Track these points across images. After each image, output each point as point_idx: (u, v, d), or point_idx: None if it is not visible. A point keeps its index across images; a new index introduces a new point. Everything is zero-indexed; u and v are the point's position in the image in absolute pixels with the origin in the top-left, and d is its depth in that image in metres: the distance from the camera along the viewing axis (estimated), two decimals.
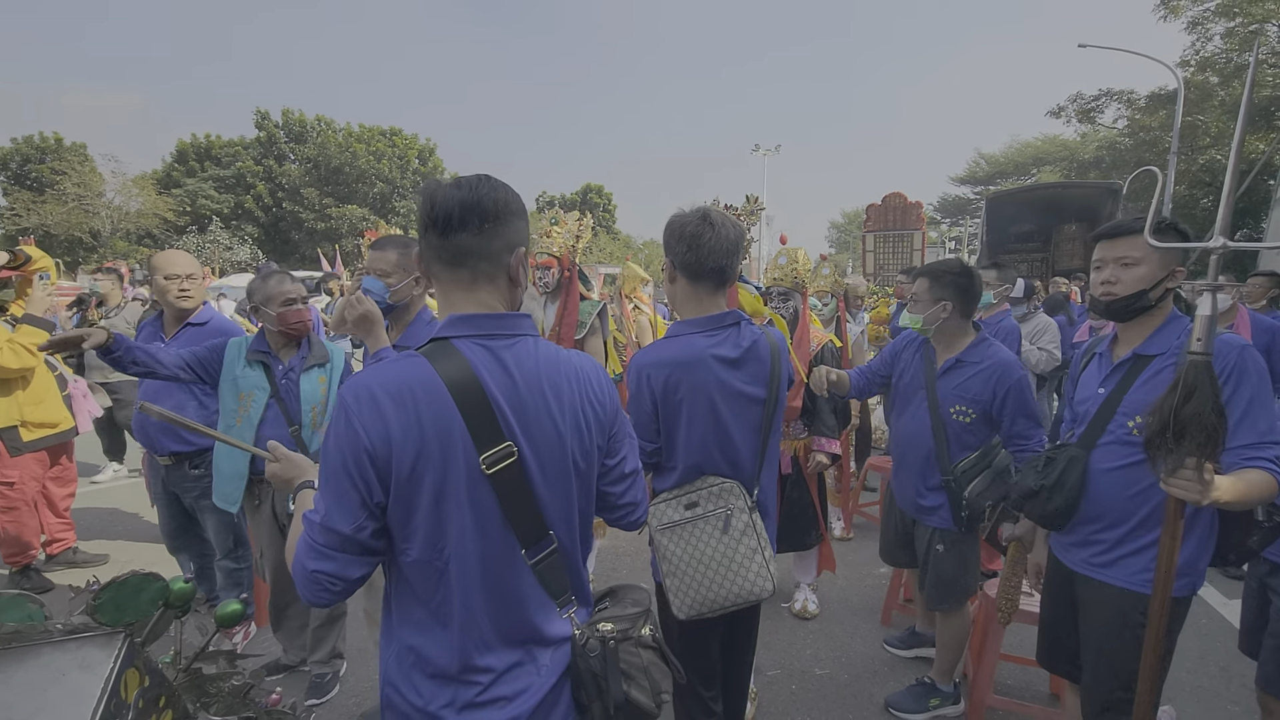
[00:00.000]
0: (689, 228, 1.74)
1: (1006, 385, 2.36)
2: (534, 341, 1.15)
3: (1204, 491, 1.39)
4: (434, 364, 1.03)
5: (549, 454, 1.11)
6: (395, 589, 1.09)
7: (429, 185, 1.10)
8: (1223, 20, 18.29)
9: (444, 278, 1.11)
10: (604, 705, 1.13)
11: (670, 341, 1.80)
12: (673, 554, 1.79)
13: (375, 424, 0.98)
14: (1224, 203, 1.41)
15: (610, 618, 1.21)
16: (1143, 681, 1.51)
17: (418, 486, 1.00)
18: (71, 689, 0.67)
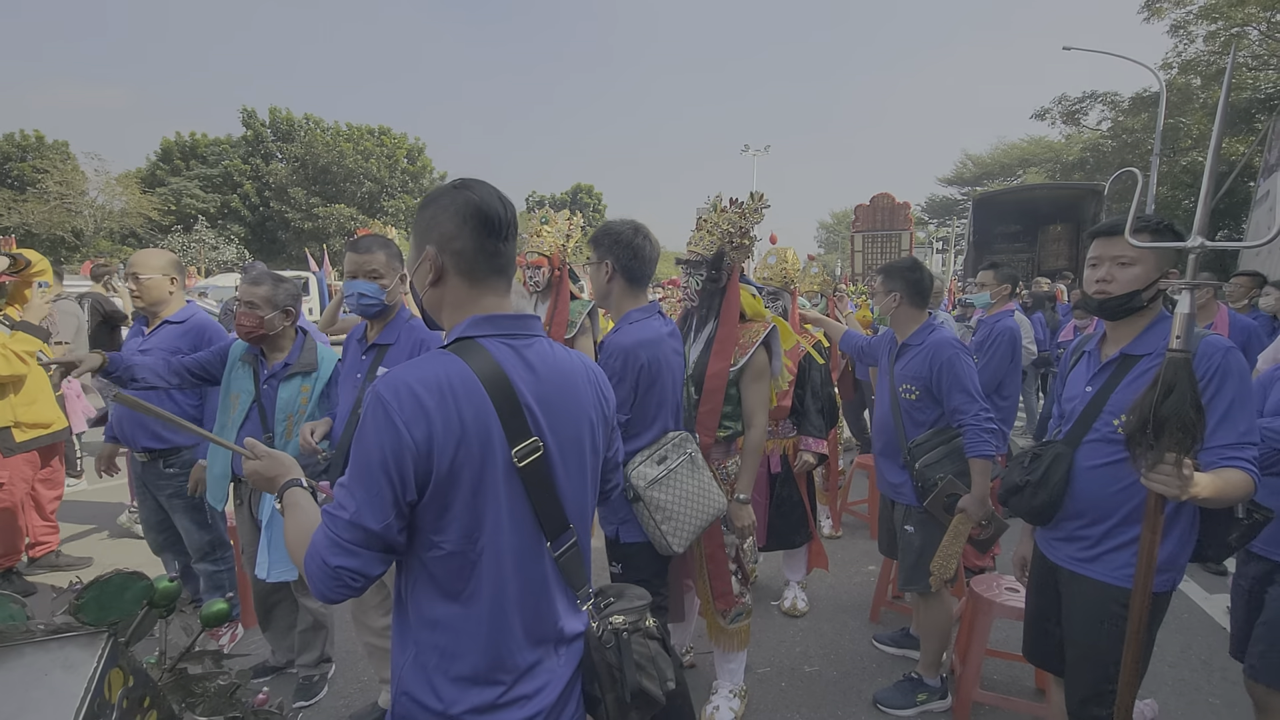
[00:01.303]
0: (630, 239, 2.09)
1: (940, 361, 2.57)
2: (547, 342, 1.20)
3: (1183, 487, 1.41)
4: (467, 360, 1.06)
5: (570, 449, 1.16)
6: (417, 588, 1.07)
7: (472, 191, 1.13)
8: (1205, 23, 18.56)
9: (479, 281, 1.14)
10: (618, 696, 1.17)
11: (639, 325, 2.08)
12: (665, 502, 2.05)
13: (418, 421, 0.99)
14: (1202, 203, 1.43)
15: (620, 610, 1.24)
16: (1124, 674, 1.53)
17: (456, 480, 1.02)
18: (54, 689, 0.67)
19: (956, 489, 2.54)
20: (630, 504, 2.10)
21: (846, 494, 4.90)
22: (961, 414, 2.54)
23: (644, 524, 2.09)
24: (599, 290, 2.17)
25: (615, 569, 2.23)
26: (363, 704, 2.70)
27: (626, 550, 2.18)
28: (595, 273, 2.15)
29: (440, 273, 1.13)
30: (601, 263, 2.11)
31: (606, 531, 2.23)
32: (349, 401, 2.30)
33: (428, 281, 1.15)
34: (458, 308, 1.15)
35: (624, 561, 2.20)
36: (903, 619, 3.42)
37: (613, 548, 2.23)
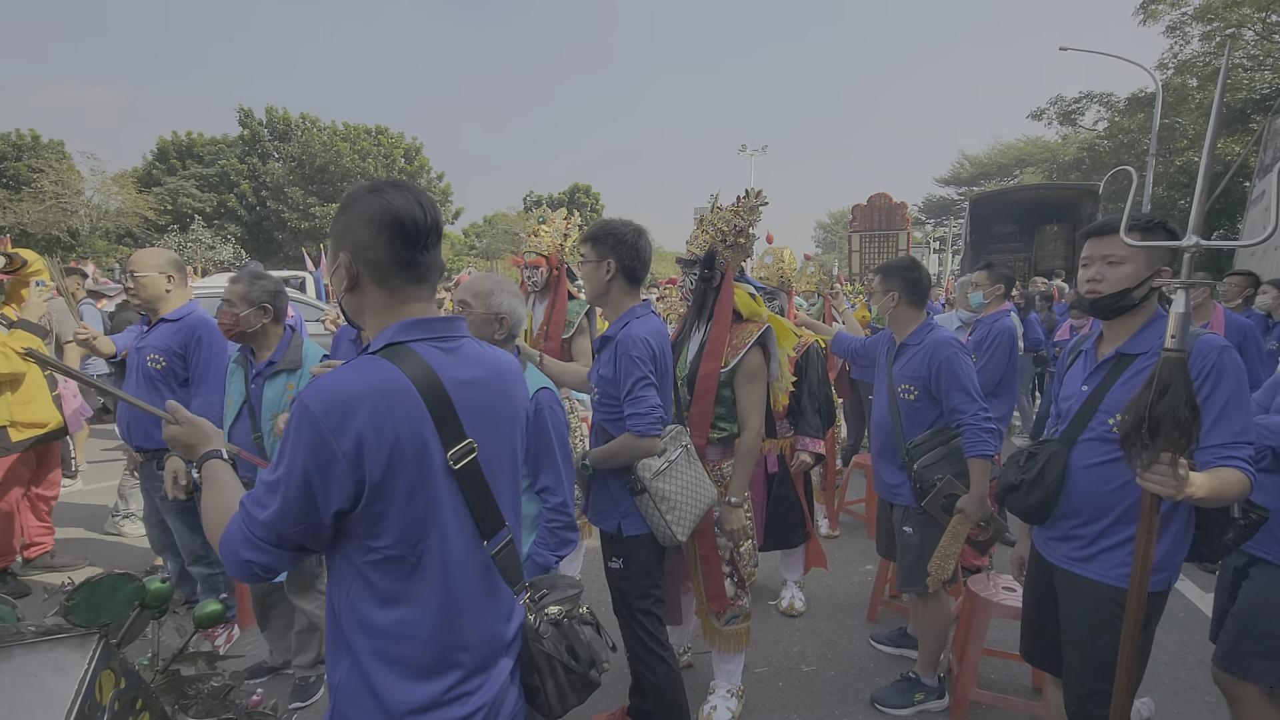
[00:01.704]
0: (634, 240, 2.14)
1: (939, 361, 2.57)
2: (474, 343, 1.22)
3: (1178, 486, 1.42)
4: (399, 366, 1.06)
5: (501, 449, 1.19)
6: (354, 594, 1.07)
7: (389, 198, 1.09)
8: (1200, 24, 18.61)
9: (396, 290, 1.13)
10: (556, 683, 1.23)
11: (646, 319, 2.14)
12: (670, 492, 2.12)
13: (346, 431, 0.98)
14: (1196, 202, 1.43)
15: (555, 600, 1.30)
16: (1120, 674, 1.53)
17: (391, 486, 1.02)
18: (45, 691, 0.66)
19: (955, 489, 2.53)
20: (633, 496, 2.13)
21: (844, 494, 4.91)
22: (960, 414, 2.54)
23: (648, 515, 2.13)
24: (597, 288, 2.18)
25: (615, 564, 2.23)
26: None
27: (629, 544, 2.19)
28: (594, 271, 2.15)
29: (355, 280, 1.12)
30: (603, 261, 2.13)
31: (606, 527, 2.24)
32: None
33: (343, 288, 1.14)
34: (380, 313, 1.14)
35: (625, 556, 2.20)
36: (900, 619, 3.42)
37: (614, 542, 2.23)
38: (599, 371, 2.18)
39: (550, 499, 1.88)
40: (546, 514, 1.88)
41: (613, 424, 2.15)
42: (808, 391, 3.33)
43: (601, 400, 2.18)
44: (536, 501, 1.91)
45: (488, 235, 44.01)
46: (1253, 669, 2.05)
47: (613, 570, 2.25)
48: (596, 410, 2.23)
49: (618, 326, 2.12)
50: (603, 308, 2.25)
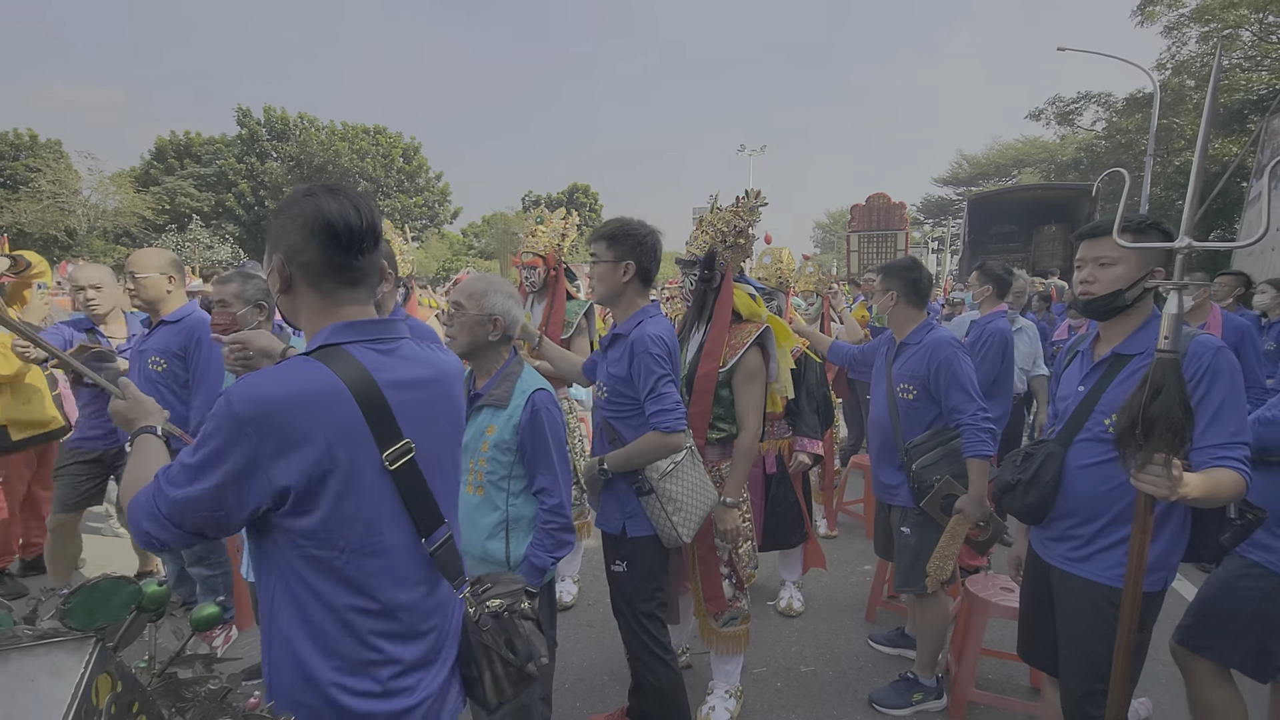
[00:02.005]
0: (653, 242, 2.14)
1: (938, 360, 2.57)
2: (413, 344, 1.22)
3: (1172, 487, 1.42)
4: (332, 368, 1.06)
5: (442, 449, 1.22)
6: (287, 587, 1.08)
7: (322, 203, 1.10)
8: (1197, 25, 18.65)
9: (329, 294, 1.13)
10: (493, 675, 1.26)
11: (658, 319, 2.14)
12: (676, 493, 2.12)
13: (272, 434, 0.99)
14: (1189, 203, 1.44)
15: (497, 595, 1.33)
16: (1115, 673, 1.53)
17: (321, 487, 1.03)
18: (41, 695, 0.66)
19: (954, 489, 2.54)
20: (639, 497, 2.12)
21: (842, 494, 4.91)
22: (959, 413, 2.54)
23: (654, 516, 2.13)
24: (612, 289, 2.15)
25: (619, 567, 2.20)
26: None
27: (634, 545, 2.18)
28: (609, 271, 2.12)
29: (288, 282, 1.13)
30: (620, 263, 2.11)
31: (609, 528, 2.22)
32: None
33: (276, 289, 1.15)
34: (315, 314, 1.15)
35: (629, 558, 2.19)
36: (898, 619, 3.42)
37: (618, 544, 2.21)
38: (608, 369, 2.16)
39: (547, 500, 1.87)
40: (543, 515, 1.88)
41: (621, 421, 2.14)
42: (806, 392, 3.33)
43: (610, 398, 2.15)
44: (534, 503, 1.90)
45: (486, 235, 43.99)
46: (1207, 646, 2.12)
47: (616, 573, 2.22)
48: (603, 408, 2.20)
49: (630, 325, 2.11)
50: (613, 308, 2.23)
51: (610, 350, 2.19)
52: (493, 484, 1.88)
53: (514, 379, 1.92)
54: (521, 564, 1.87)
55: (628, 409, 2.11)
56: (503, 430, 1.86)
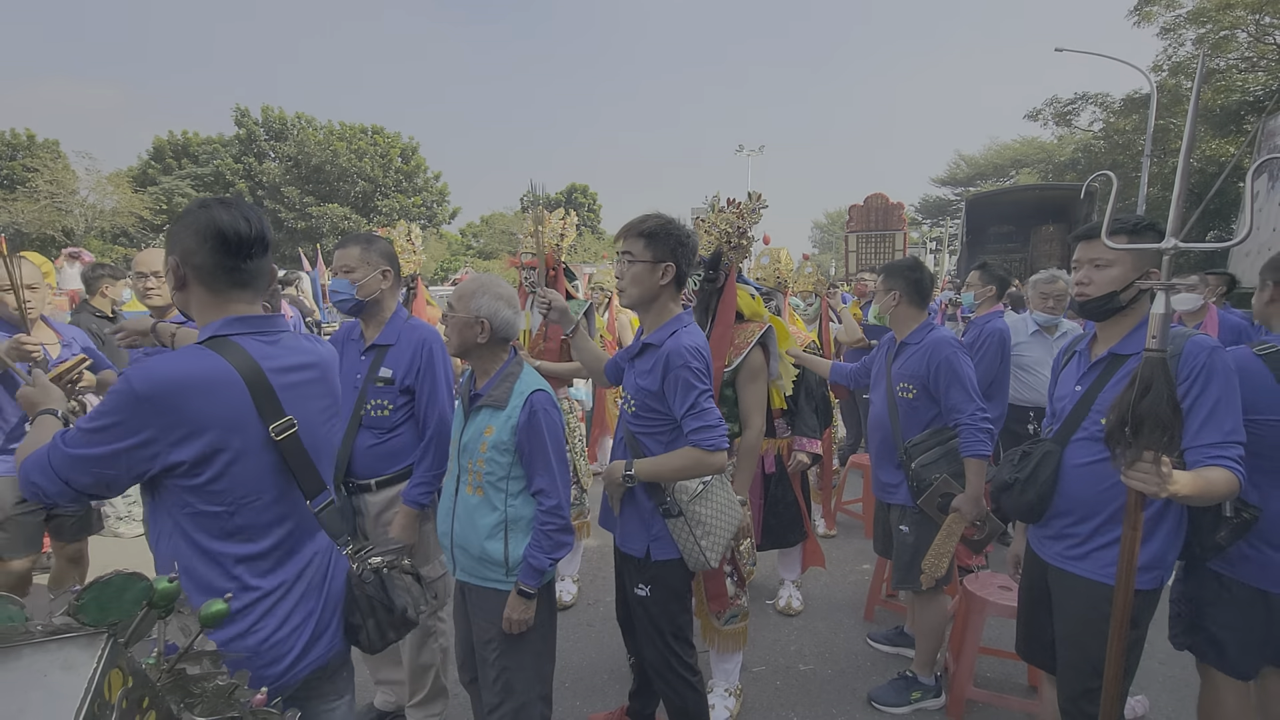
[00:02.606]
0: (695, 243, 2.00)
1: (938, 360, 2.58)
2: (293, 335, 1.43)
3: (1161, 484, 1.43)
4: (224, 356, 1.25)
5: (319, 425, 1.43)
6: (176, 543, 1.25)
7: (215, 213, 1.28)
8: (1194, 27, 18.70)
9: (220, 292, 1.32)
10: (377, 621, 1.48)
11: (692, 329, 2.01)
12: (706, 516, 2.00)
13: (167, 413, 1.17)
14: (1174, 205, 1.45)
15: (378, 554, 1.55)
16: (1109, 670, 1.55)
17: (213, 457, 1.22)
18: (54, 690, 0.67)
19: (951, 488, 2.55)
20: (665, 520, 2.00)
21: (841, 493, 4.92)
22: (959, 413, 2.56)
23: (681, 540, 2.01)
24: (647, 292, 1.99)
25: (643, 591, 2.08)
26: (358, 705, 2.69)
27: (658, 569, 2.06)
28: (646, 273, 1.97)
29: (183, 280, 1.31)
30: (660, 264, 1.97)
31: (631, 550, 2.10)
32: (347, 405, 2.28)
33: (171, 286, 1.33)
34: (207, 309, 1.33)
35: (654, 582, 2.06)
36: (897, 617, 3.44)
37: (641, 567, 2.08)
38: (637, 381, 2.02)
39: (545, 501, 1.88)
40: (541, 516, 1.88)
41: (650, 437, 2.02)
42: (805, 392, 3.34)
43: (638, 412, 2.02)
44: (532, 504, 1.91)
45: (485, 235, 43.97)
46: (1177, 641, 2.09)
47: (640, 597, 2.09)
48: (630, 422, 2.07)
49: (663, 335, 1.97)
50: (643, 314, 2.08)
51: (639, 360, 2.05)
52: (491, 484, 1.89)
53: (513, 379, 1.92)
54: (519, 565, 1.88)
55: (657, 424, 2.00)
56: (501, 431, 1.86)
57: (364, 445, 2.26)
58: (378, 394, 2.24)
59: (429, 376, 2.26)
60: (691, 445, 1.90)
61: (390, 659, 2.56)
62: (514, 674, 1.92)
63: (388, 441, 2.26)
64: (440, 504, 2.05)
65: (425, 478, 2.23)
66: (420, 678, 2.42)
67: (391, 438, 2.27)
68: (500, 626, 1.87)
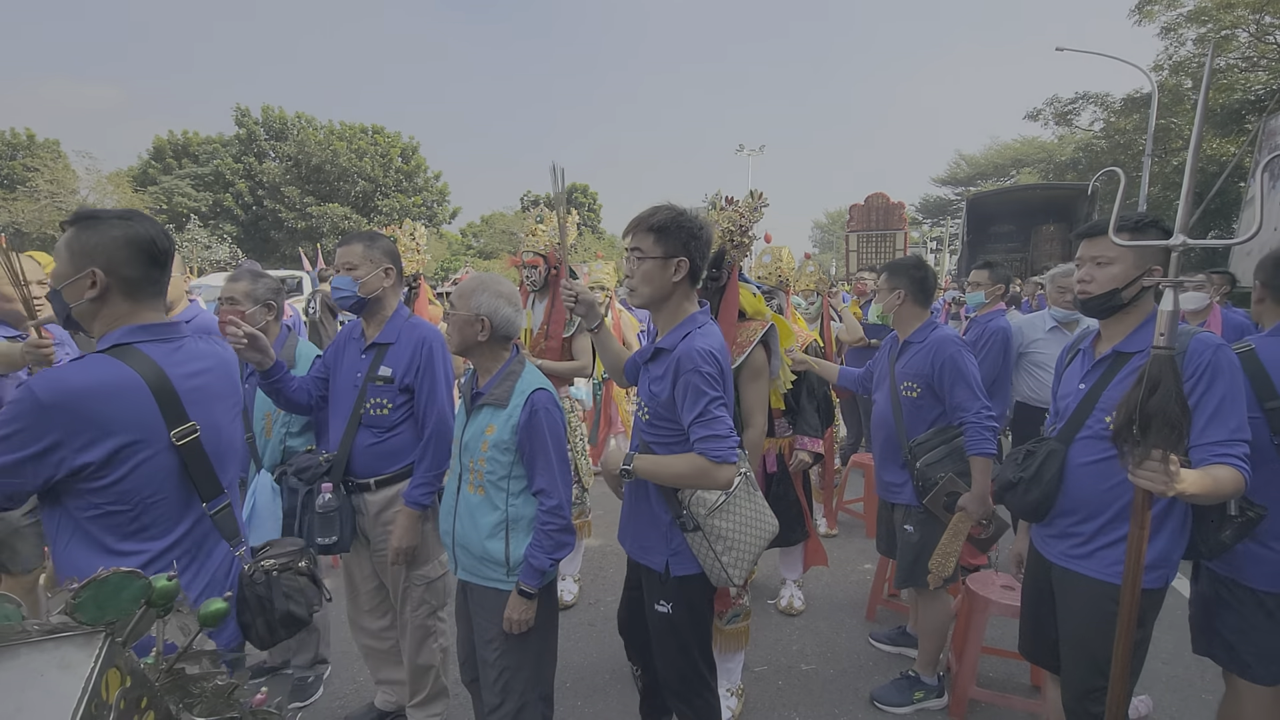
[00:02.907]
0: (709, 236, 1.87)
1: (942, 358, 2.57)
2: (195, 340, 1.49)
3: (1169, 483, 1.42)
4: (128, 364, 1.31)
5: (222, 430, 1.48)
6: (75, 545, 1.31)
7: (141, 227, 1.38)
8: (1194, 26, 18.68)
9: (141, 301, 1.40)
10: (266, 619, 1.54)
11: (708, 329, 1.85)
12: (727, 530, 1.85)
13: (75, 419, 1.23)
14: (1184, 202, 1.44)
15: (272, 555, 1.61)
16: (1115, 669, 1.54)
17: (117, 460, 1.27)
18: (51, 689, 0.66)
19: (957, 487, 2.54)
20: (684, 534, 1.86)
21: (843, 493, 4.92)
22: (963, 411, 2.55)
23: (700, 556, 1.86)
24: (659, 290, 1.84)
25: (663, 608, 1.92)
26: (358, 705, 2.69)
27: (678, 585, 1.91)
28: (657, 270, 1.81)
29: (105, 290, 1.35)
30: (672, 259, 1.80)
31: (650, 563, 1.94)
32: (347, 403, 2.28)
33: (87, 296, 1.34)
34: (114, 319, 1.38)
35: (675, 599, 1.91)
36: (899, 617, 3.43)
37: (660, 584, 1.93)
38: (650, 387, 1.89)
39: (546, 501, 1.87)
40: (542, 516, 1.87)
41: (664, 448, 1.87)
42: (806, 391, 3.33)
43: (652, 421, 1.88)
44: (534, 503, 1.90)
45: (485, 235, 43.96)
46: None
47: (660, 614, 1.94)
48: (644, 430, 1.93)
49: (676, 337, 1.82)
50: (656, 314, 1.92)
51: (652, 365, 1.90)
52: (492, 484, 1.88)
53: (514, 379, 1.92)
54: (519, 565, 1.87)
55: (672, 435, 1.84)
56: (502, 430, 1.86)
57: (363, 444, 2.25)
58: (377, 392, 2.23)
59: (428, 375, 2.25)
60: (698, 454, 1.74)
61: (391, 659, 2.55)
62: (515, 674, 1.91)
63: (387, 440, 2.26)
64: (442, 503, 2.05)
65: (425, 478, 2.22)
66: (420, 678, 2.41)
67: (391, 437, 2.26)
68: (501, 626, 1.87)
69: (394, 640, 2.51)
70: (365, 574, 2.45)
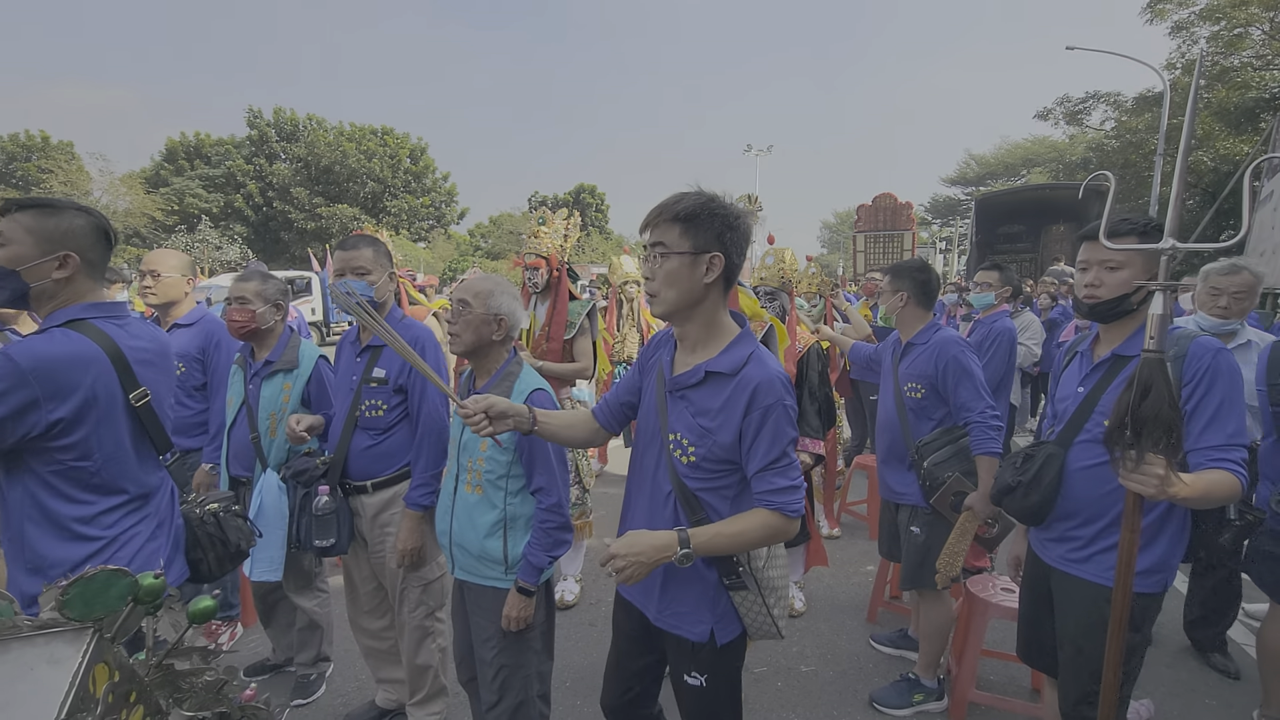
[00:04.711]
0: (747, 229, 1.51)
1: (946, 359, 2.58)
2: (137, 320, 1.68)
3: (1160, 486, 1.41)
4: (87, 335, 1.51)
5: (165, 395, 1.72)
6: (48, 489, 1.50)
7: (94, 216, 1.58)
8: (1207, 24, 18.50)
9: (100, 280, 1.61)
10: (217, 555, 1.83)
11: (765, 352, 1.55)
12: (777, 579, 1.60)
13: (51, 381, 1.43)
14: (1171, 205, 1.44)
15: (213, 500, 1.89)
16: (1106, 673, 1.53)
17: (86, 416, 1.49)
18: (39, 683, 0.68)
19: (964, 487, 2.53)
20: (731, 593, 1.55)
21: (845, 494, 4.90)
22: (968, 411, 2.54)
23: (749, 613, 1.57)
24: (687, 294, 1.48)
25: (697, 681, 1.58)
26: (360, 703, 2.72)
27: (722, 654, 1.58)
28: (685, 269, 1.45)
29: (74, 272, 1.54)
30: (704, 254, 1.45)
31: (690, 634, 1.56)
32: (345, 404, 2.30)
33: (56, 276, 1.51)
34: (71, 298, 1.56)
35: (713, 669, 1.58)
36: (900, 619, 3.42)
37: (693, 654, 1.58)
38: (699, 422, 1.50)
39: (544, 499, 1.88)
40: (540, 514, 1.88)
41: (715, 494, 1.52)
42: (808, 392, 3.34)
43: (700, 464, 1.50)
44: (532, 502, 1.91)
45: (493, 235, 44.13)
46: None
47: (691, 688, 1.60)
48: (687, 475, 1.52)
49: (736, 359, 1.48)
50: (681, 325, 1.56)
51: (696, 393, 1.51)
52: (490, 483, 1.89)
53: (513, 379, 1.93)
54: (519, 563, 1.88)
55: (725, 478, 1.51)
56: None
57: (360, 447, 2.27)
58: (372, 394, 2.25)
59: (420, 375, 2.27)
60: (770, 509, 1.45)
61: (391, 658, 2.57)
62: (512, 672, 1.92)
63: (383, 442, 2.28)
64: (439, 503, 2.06)
65: (423, 478, 2.23)
66: (419, 677, 2.43)
67: (386, 438, 2.28)
68: (499, 625, 1.88)
69: (393, 640, 2.53)
70: (364, 575, 2.47)
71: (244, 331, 2.52)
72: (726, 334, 1.53)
